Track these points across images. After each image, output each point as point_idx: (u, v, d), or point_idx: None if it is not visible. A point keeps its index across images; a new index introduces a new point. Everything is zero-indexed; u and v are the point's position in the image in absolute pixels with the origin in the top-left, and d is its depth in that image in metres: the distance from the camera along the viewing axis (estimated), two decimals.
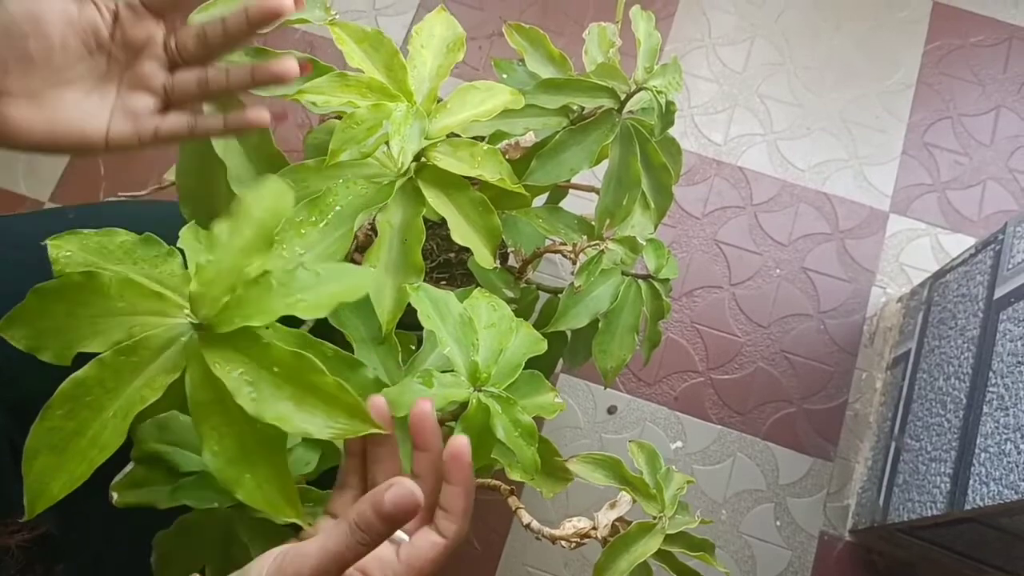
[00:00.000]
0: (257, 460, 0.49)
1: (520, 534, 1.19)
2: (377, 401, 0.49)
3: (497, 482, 0.61)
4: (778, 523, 1.22)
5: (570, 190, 0.97)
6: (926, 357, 1.15)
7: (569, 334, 0.89)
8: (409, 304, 0.62)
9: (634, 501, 0.58)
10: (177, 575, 0.60)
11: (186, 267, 0.54)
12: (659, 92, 0.74)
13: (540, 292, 0.90)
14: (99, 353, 0.47)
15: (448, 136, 0.68)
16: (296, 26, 1.39)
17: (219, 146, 0.66)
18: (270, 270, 0.49)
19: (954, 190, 1.39)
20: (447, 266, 1.02)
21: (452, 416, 0.62)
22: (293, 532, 0.60)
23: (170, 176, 0.72)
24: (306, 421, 0.48)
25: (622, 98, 0.77)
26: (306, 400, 0.48)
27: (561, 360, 0.94)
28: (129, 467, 0.59)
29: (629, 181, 0.77)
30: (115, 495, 0.58)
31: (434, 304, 0.59)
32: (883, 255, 1.36)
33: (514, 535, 1.19)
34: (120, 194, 0.99)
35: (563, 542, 0.55)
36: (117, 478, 0.59)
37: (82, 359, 0.48)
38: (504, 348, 0.60)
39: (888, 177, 1.40)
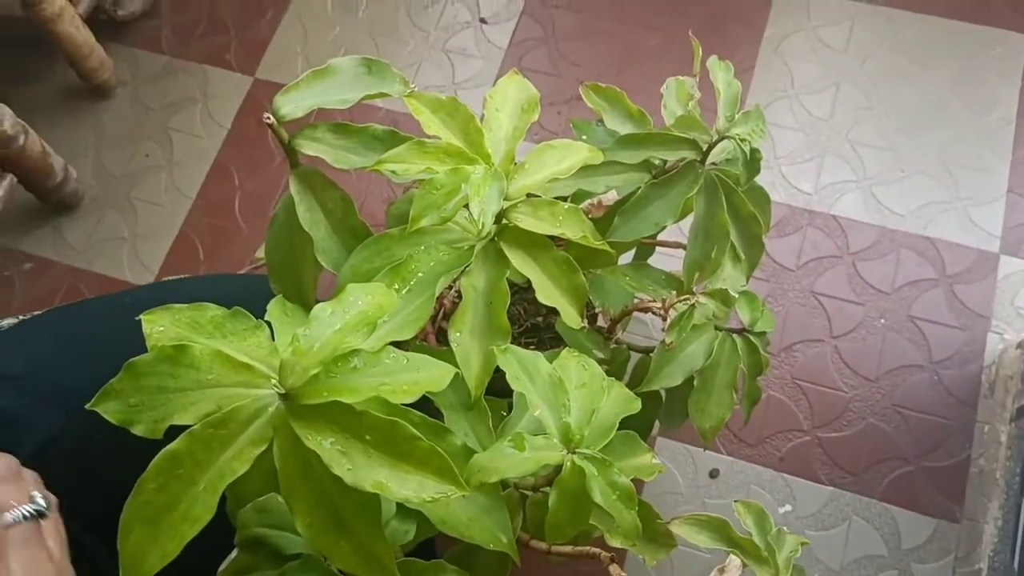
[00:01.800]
0: (351, 527, 0.49)
1: None
2: None
3: (597, 549, 0.58)
4: None
5: (657, 247, 0.95)
6: None
7: (664, 394, 0.86)
8: (499, 369, 0.61)
9: (744, 566, 0.54)
10: None
11: (273, 339, 0.55)
12: (742, 140, 0.72)
13: (631, 352, 0.88)
14: (188, 426, 0.47)
15: (528, 197, 0.67)
16: (378, 103, 1.43)
17: (305, 220, 0.67)
18: (359, 349, 0.50)
19: None
20: (535, 331, 1.01)
21: (546, 481, 0.60)
22: None
23: (261, 254, 0.74)
24: (403, 488, 0.47)
25: (704, 149, 0.76)
26: (399, 467, 0.48)
27: (657, 422, 0.90)
28: (233, 554, 0.59)
29: (716, 233, 0.75)
30: None
31: (522, 365, 0.58)
32: (997, 299, 1.28)
33: None
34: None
35: None
36: (223, 566, 0.59)
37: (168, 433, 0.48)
38: (596, 408, 0.58)
39: (995, 217, 1.33)
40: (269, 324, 0.57)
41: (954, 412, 1.22)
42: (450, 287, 0.90)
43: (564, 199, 0.74)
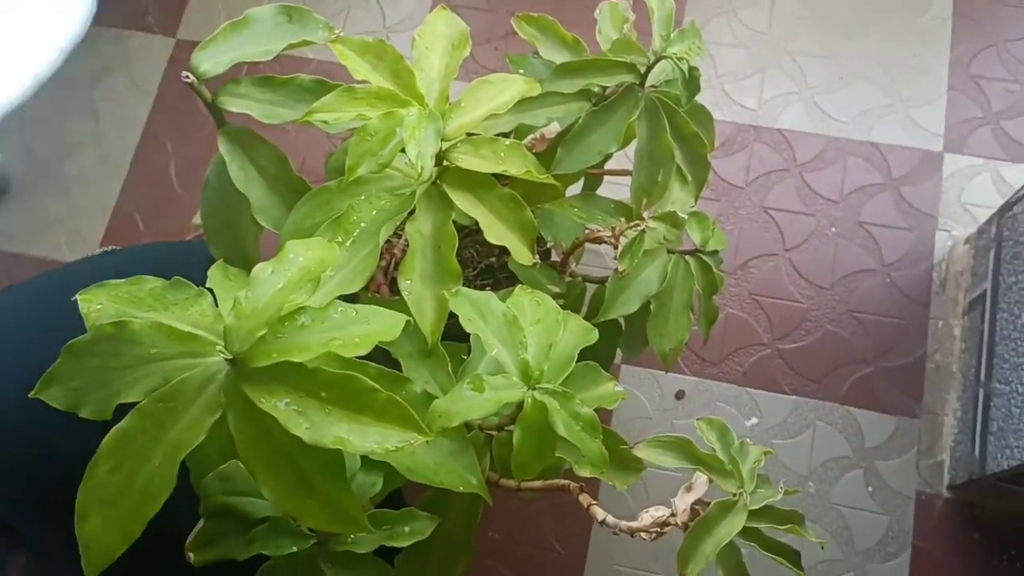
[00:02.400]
0: (316, 485, 0.48)
1: (602, 536, 1.16)
2: None
3: (566, 481, 0.58)
4: (870, 489, 1.17)
5: (604, 177, 0.94)
6: (1004, 295, 1.09)
7: (623, 322, 0.86)
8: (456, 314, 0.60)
9: (711, 481, 0.55)
10: None
11: (216, 306, 0.53)
12: (680, 59, 0.71)
13: (587, 284, 0.88)
14: (135, 403, 0.46)
15: (468, 136, 0.66)
16: (309, 56, 1.39)
17: (239, 180, 0.65)
18: (305, 306, 0.48)
19: (1009, 119, 1.32)
20: (490, 271, 1.00)
21: (510, 420, 0.59)
22: (378, 558, 0.58)
23: (199, 220, 0.71)
24: (365, 440, 0.46)
25: (642, 72, 0.74)
26: (358, 420, 0.47)
27: (619, 351, 0.91)
28: (200, 524, 0.58)
29: (661, 156, 0.74)
30: (191, 555, 0.57)
31: (475, 307, 0.57)
32: (943, 197, 1.30)
33: (597, 534, 1.16)
34: None
35: (643, 534, 0.52)
36: (191, 537, 0.58)
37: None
38: (554, 342, 0.58)
39: (937, 116, 1.34)
40: (212, 291, 0.56)
41: (908, 312, 1.25)
42: (399, 236, 0.88)
43: (506, 136, 0.73)
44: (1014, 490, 1.06)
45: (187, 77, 0.61)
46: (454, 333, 0.66)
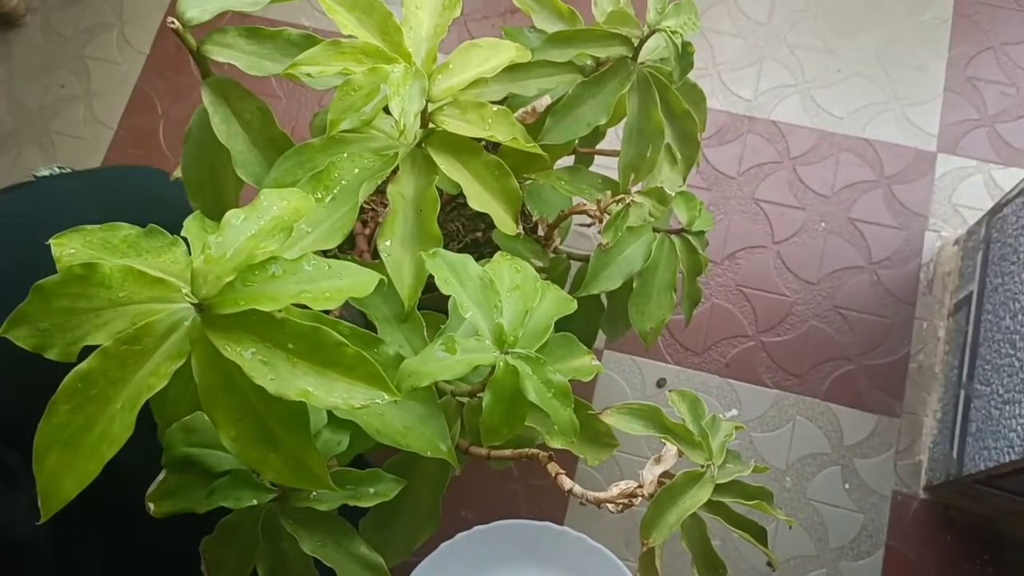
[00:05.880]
0: (279, 438, 0.47)
1: (576, 518, 1.16)
2: None
3: (535, 450, 0.58)
4: (847, 486, 1.17)
5: (595, 157, 0.93)
6: (989, 297, 1.09)
7: (605, 302, 0.86)
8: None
9: (680, 454, 0.54)
10: None
11: (190, 255, 0.53)
12: (674, 32, 0.70)
13: (571, 261, 0.87)
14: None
15: (455, 100, 0.65)
16: (303, 20, 1.38)
17: (221, 133, 0.64)
18: (277, 256, 0.48)
19: (1003, 123, 1.32)
20: (475, 246, 0.99)
21: (481, 386, 0.59)
22: (341, 518, 0.58)
23: (179, 173, 0.70)
24: (330, 395, 0.46)
25: (636, 44, 0.73)
26: (325, 374, 0.46)
27: (603, 334, 0.90)
28: (161, 475, 0.58)
29: (651, 131, 0.74)
30: (151, 506, 0.56)
31: (452, 269, 0.56)
32: (934, 198, 1.29)
33: (571, 518, 1.16)
34: None
35: (609, 505, 0.52)
36: (151, 488, 0.57)
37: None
38: (530, 309, 0.57)
39: (932, 116, 1.33)
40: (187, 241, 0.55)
41: (893, 310, 1.24)
42: (385, 205, 0.87)
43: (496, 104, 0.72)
44: (989, 493, 1.06)
45: (172, 23, 0.59)
46: (437, 307, 0.65)
